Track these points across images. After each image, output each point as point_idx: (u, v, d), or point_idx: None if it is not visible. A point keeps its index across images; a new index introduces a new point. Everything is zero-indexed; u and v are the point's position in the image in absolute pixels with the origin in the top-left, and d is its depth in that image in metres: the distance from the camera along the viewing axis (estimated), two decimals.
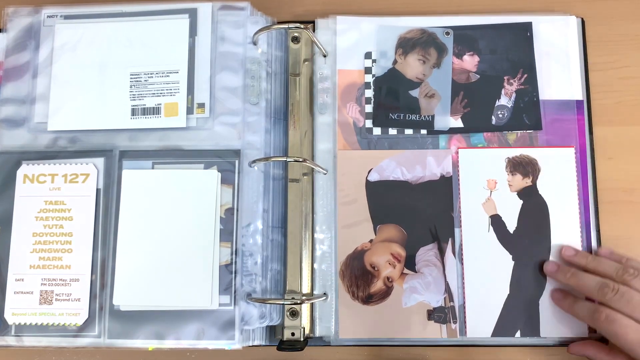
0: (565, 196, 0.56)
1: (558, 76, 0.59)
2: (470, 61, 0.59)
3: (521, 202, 0.56)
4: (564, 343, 0.55)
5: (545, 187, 0.57)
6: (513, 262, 0.55)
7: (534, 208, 0.56)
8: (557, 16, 0.60)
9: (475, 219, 0.56)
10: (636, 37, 0.61)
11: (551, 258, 0.55)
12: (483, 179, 0.57)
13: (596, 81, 0.60)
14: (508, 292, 0.55)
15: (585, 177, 0.57)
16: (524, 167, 0.57)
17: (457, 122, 0.58)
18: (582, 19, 0.61)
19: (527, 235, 0.56)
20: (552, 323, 0.55)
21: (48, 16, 0.60)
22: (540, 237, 0.56)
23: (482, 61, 0.59)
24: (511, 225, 0.56)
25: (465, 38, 0.60)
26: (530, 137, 0.58)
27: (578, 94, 0.58)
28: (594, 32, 0.61)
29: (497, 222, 0.56)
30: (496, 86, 0.59)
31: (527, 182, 0.57)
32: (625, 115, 0.60)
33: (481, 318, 0.55)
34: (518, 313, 0.55)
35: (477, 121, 0.58)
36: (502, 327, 0.55)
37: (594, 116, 0.59)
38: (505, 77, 0.59)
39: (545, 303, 0.55)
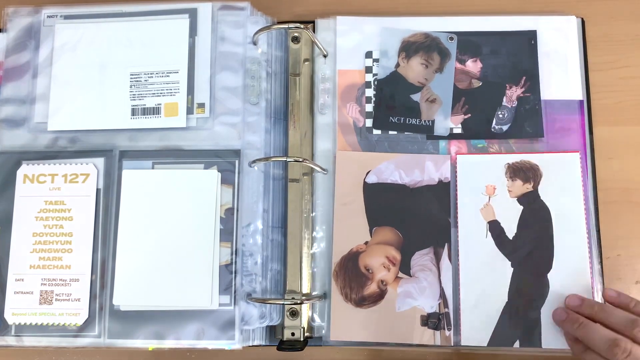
0: (570, 202, 0.55)
1: (558, 77, 0.59)
2: (473, 67, 0.59)
3: (521, 207, 0.55)
4: (568, 356, 0.53)
5: (547, 193, 0.55)
6: (512, 268, 0.54)
7: (536, 214, 0.55)
8: (557, 16, 0.60)
9: (473, 224, 0.55)
10: (636, 37, 0.61)
11: (554, 267, 0.54)
12: (482, 185, 0.56)
13: (596, 81, 0.60)
14: (506, 300, 0.54)
15: (585, 178, 0.56)
16: (525, 172, 0.56)
17: (457, 128, 0.58)
18: (582, 19, 0.60)
19: (528, 242, 0.55)
20: (555, 333, 0.53)
21: (48, 16, 0.60)
22: (542, 243, 0.55)
23: (485, 67, 0.59)
24: (510, 231, 0.55)
25: (469, 44, 0.59)
26: (532, 142, 0.57)
27: (578, 94, 0.58)
28: (594, 32, 0.61)
29: (495, 227, 0.55)
30: (498, 93, 0.58)
31: (528, 187, 0.56)
32: (625, 115, 0.60)
33: (477, 326, 0.54)
34: (517, 322, 0.53)
35: (478, 128, 0.58)
36: (500, 336, 0.53)
37: (594, 116, 0.59)
38: (507, 85, 0.58)
39: (547, 312, 0.53)
